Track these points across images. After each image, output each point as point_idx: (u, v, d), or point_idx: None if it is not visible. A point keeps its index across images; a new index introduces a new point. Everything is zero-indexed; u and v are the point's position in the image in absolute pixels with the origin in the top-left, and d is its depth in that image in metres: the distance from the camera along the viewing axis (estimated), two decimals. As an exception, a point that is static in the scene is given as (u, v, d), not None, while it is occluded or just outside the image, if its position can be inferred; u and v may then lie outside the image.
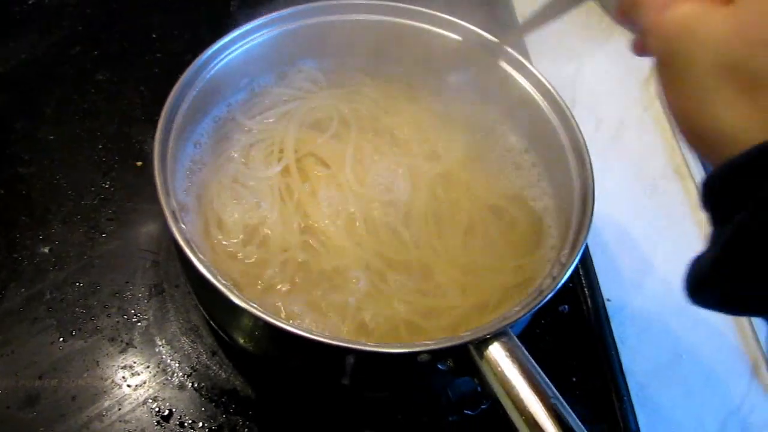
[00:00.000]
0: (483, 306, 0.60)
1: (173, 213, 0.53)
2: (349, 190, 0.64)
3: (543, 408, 0.46)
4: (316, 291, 0.59)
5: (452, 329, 0.58)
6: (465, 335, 0.49)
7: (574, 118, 0.62)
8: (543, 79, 0.64)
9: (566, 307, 0.70)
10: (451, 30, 0.68)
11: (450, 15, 0.67)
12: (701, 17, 0.36)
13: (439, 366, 0.52)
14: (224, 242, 0.61)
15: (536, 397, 0.46)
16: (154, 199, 0.73)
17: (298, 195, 0.64)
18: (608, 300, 0.72)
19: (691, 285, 0.37)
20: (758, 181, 0.32)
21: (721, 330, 0.72)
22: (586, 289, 0.72)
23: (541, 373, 0.48)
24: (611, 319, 0.71)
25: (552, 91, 0.64)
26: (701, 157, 0.39)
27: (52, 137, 0.79)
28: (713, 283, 0.36)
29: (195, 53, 0.62)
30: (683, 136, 0.39)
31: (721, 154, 0.35)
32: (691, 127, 0.38)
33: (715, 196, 0.36)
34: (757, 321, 0.72)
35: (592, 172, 0.59)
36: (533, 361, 0.48)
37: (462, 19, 0.68)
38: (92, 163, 0.77)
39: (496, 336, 0.49)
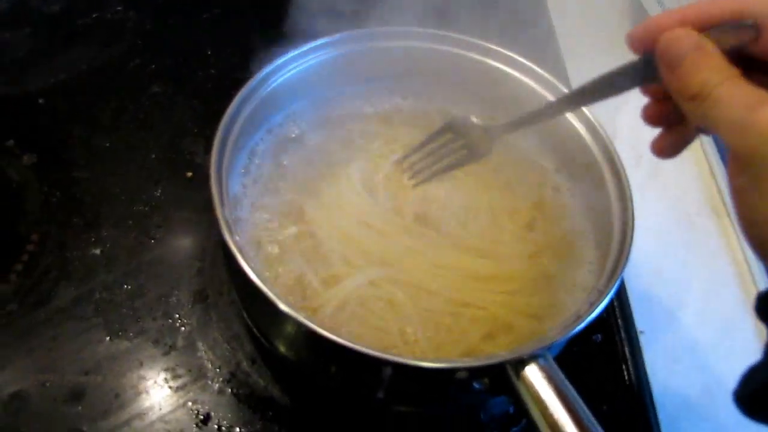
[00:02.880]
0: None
1: (227, 222, 0.55)
2: (399, 216, 0.66)
3: (577, 431, 0.46)
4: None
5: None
6: (503, 355, 0.50)
7: (616, 153, 0.63)
8: (587, 112, 0.66)
9: (599, 336, 0.71)
10: (505, 63, 0.70)
11: (502, 47, 0.69)
12: None
13: (475, 384, 0.53)
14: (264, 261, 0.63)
15: (571, 419, 0.47)
16: (203, 209, 0.77)
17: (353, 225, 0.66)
18: (641, 332, 0.73)
19: (747, 399, 0.37)
20: None
21: (754, 368, 0.72)
22: (619, 320, 0.72)
23: (577, 397, 0.48)
24: (643, 351, 0.71)
25: (596, 124, 0.65)
26: None
27: (107, 145, 0.83)
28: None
29: (247, 71, 0.65)
30: (752, 242, 0.38)
31: None
32: None
33: None
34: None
35: (632, 206, 0.60)
36: (569, 384, 0.49)
37: (508, 50, 0.70)
38: (144, 172, 0.80)
39: (534, 357, 0.49)
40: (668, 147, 0.51)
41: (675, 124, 0.50)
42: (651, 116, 0.50)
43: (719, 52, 0.40)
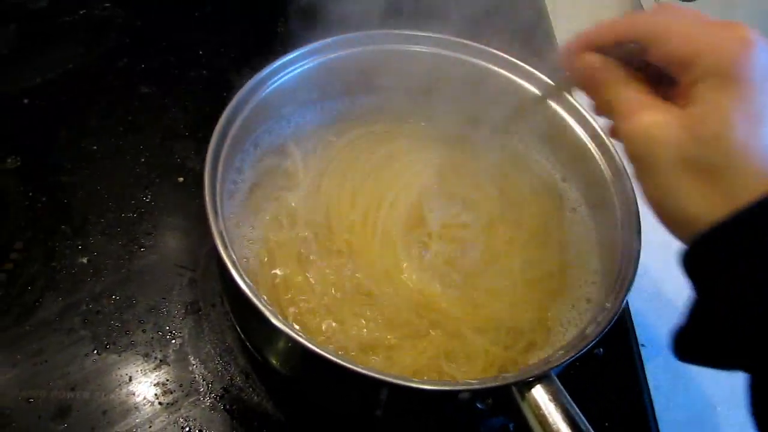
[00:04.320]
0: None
1: (221, 234, 0.53)
2: (398, 230, 0.65)
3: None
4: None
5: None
6: (509, 376, 0.49)
7: (625, 169, 0.61)
8: (597, 127, 0.64)
9: (601, 350, 0.69)
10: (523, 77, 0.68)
11: (505, 53, 0.68)
12: (660, 124, 0.43)
13: (478, 405, 0.52)
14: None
15: (578, 441, 0.46)
16: (194, 215, 0.75)
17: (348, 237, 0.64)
18: (643, 345, 0.71)
19: (677, 346, 0.47)
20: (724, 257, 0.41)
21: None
22: (621, 333, 0.71)
23: (583, 418, 0.47)
24: (646, 365, 0.70)
25: (604, 138, 0.63)
26: (673, 235, 0.45)
27: (95, 148, 0.80)
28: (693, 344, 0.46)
29: (240, 71, 0.63)
30: (656, 217, 0.46)
31: (690, 233, 0.42)
32: (662, 212, 0.45)
33: (692, 267, 0.44)
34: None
35: (638, 222, 0.58)
36: (575, 405, 0.48)
37: (512, 56, 0.68)
38: (133, 176, 0.78)
39: (540, 378, 0.48)
40: None
41: None
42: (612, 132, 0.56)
43: (618, 64, 0.48)
